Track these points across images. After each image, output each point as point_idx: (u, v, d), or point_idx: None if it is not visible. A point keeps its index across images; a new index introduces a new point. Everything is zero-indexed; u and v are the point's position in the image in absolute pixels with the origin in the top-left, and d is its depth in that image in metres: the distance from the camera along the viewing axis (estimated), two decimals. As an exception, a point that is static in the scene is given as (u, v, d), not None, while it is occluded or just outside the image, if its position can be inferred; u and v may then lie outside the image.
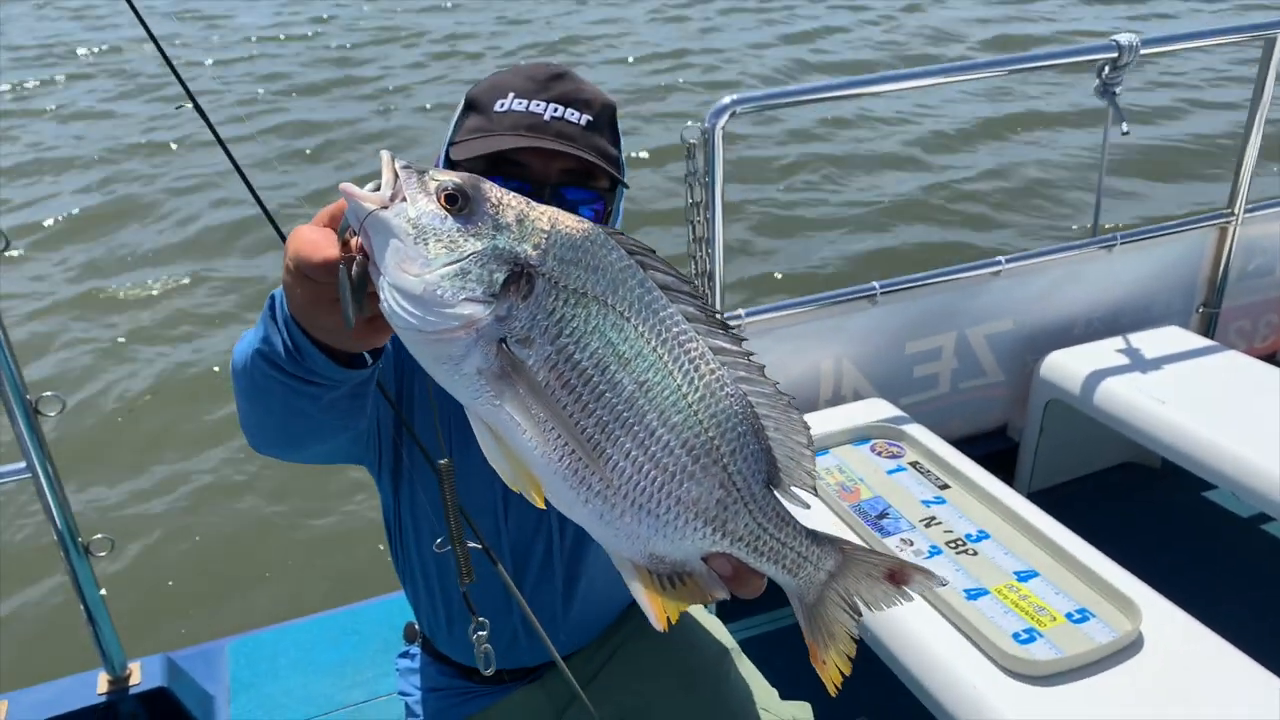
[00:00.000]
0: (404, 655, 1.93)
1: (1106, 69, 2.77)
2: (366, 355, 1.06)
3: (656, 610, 0.93)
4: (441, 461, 1.41)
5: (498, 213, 0.84)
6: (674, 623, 0.94)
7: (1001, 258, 2.94)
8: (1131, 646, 1.83)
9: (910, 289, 2.84)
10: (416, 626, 1.88)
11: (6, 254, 1.96)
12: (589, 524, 0.91)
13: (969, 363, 3.08)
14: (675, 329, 0.87)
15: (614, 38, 12.61)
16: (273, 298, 1.04)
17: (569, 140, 1.38)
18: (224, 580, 4.01)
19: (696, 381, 0.87)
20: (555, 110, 1.39)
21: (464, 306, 0.81)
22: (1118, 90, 2.79)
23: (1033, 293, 3.07)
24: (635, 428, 0.86)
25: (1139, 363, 2.89)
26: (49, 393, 2.07)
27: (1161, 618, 1.90)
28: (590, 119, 1.41)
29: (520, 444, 0.85)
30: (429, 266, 0.80)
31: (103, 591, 2.28)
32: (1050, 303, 3.11)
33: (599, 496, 0.87)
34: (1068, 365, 2.92)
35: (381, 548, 3.67)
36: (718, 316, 0.90)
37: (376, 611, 2.84)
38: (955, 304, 2.96)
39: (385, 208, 0.82)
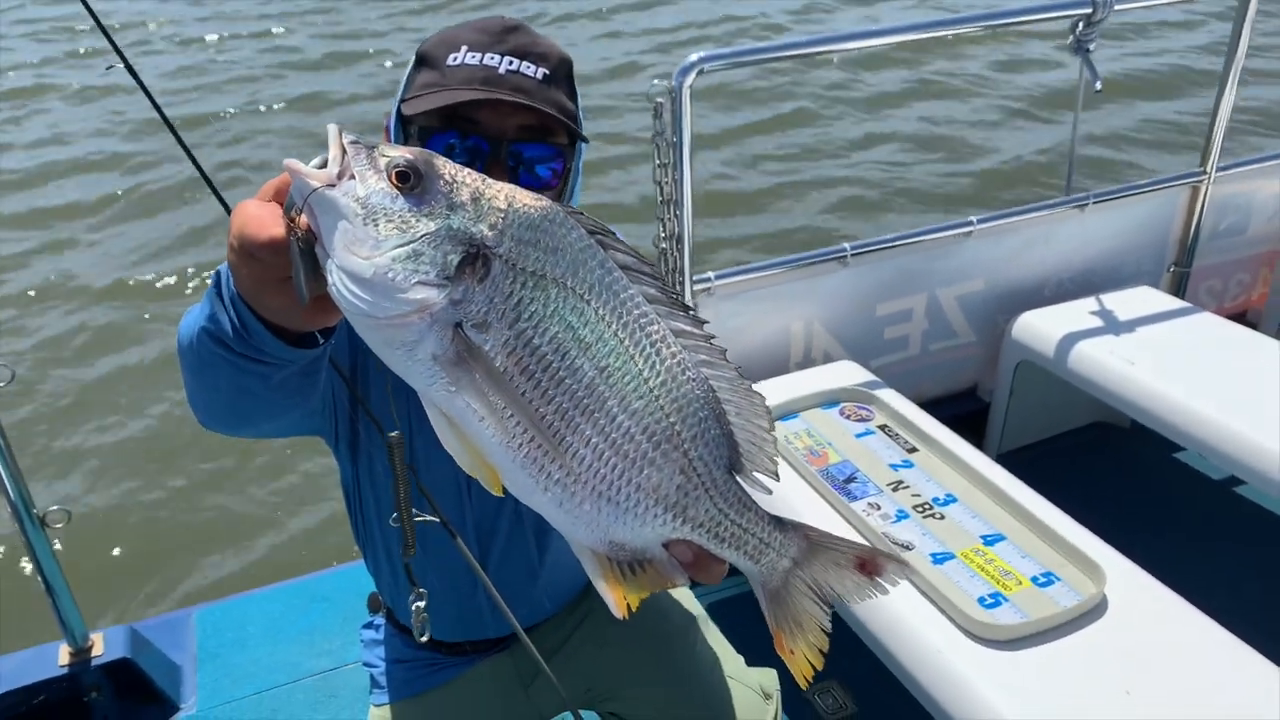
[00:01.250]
0: (368, 626, 1.91)
1: (1080, 25, 2.72)
2: (317, 334, 1.02)
3: (616, 598, 0.91)
4: (392, 434, 1.37)
5: (452, 191, 0.80)
6: (634, 610, 0.92)
7: (973, 218, 2.91)
8: (1095, 610, 1.84)
9: (881, 250, 2.82)
10: (380, 597, 1.86)
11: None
12: (548, 511, 0.88)
13: (940, 324, 3.07)
14: (636, 311, 0.84)
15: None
16: (218, 274, 0.99)
17: (525, 94, 1.33)
18: (190, 550, 3.97)
19: (658, 365, 0.85)
20: (510, 63, 1.34)
21: (416, 290, 0.77)
22: (1091, 47, 2.75)
23: (1004, 253, 3.05)
24: (596, 414, 0.83)
25: (1110, 323, 2.88)
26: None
27: (1126, 581, 1.91)
28: (547, 72, 1.36)
29: (477, 431, 0.83)
30: (379, 249, 0.76)
31: (68, 563, 2.24)
32: (1022, 263, 3.09)
33: (559, 484, 0.85)
34: (1038, 326, 2.91)
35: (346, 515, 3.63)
36: (678, 298, 0.87)
37: (344, 578, 2.82)
38: (926, 265, 2.94)
39: (332, 186, 0.77)
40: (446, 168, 0.81)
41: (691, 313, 0.88)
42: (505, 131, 1.34)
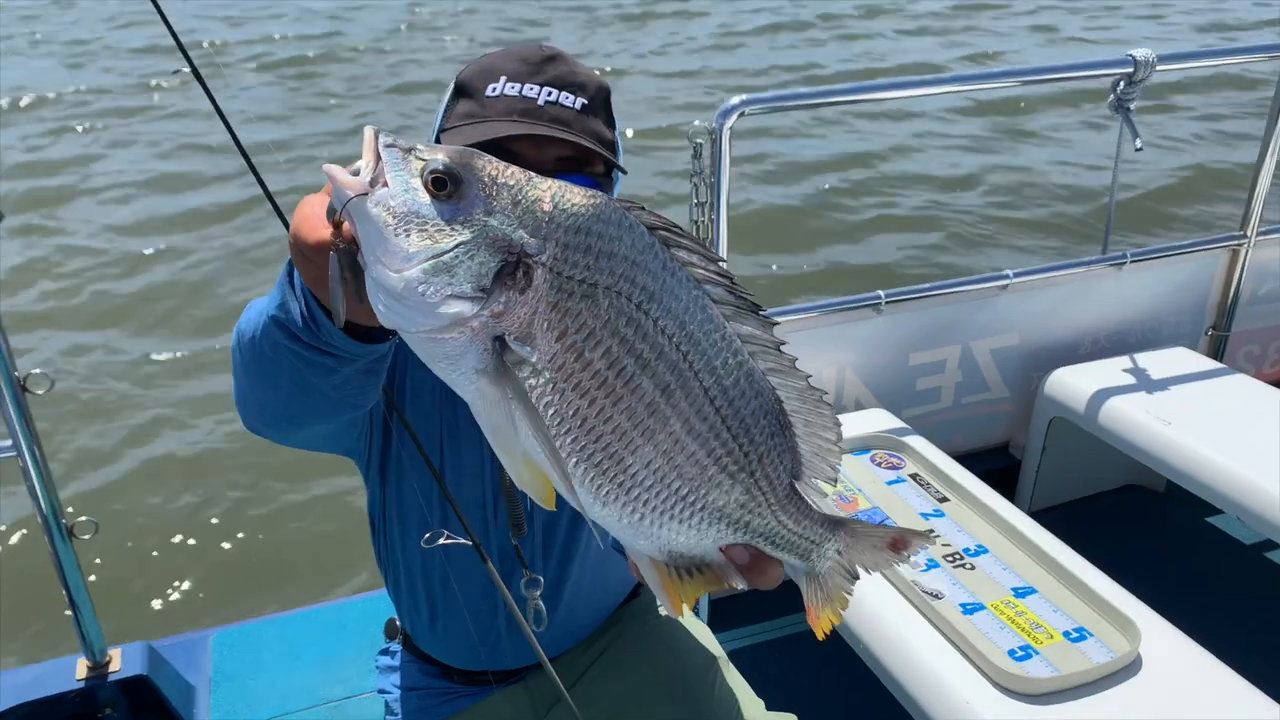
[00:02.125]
0: (384, 652, 1.89)
1: (1121, 84, 2.73)
2: (386, 332, 0.99)
3: (673, 599, 0.90)
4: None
5: (490, 195, 0.75)
6: (691, 609, 0.92)
7: (1009, 271, 2.90)
8: (1129, 668, 1.79)
9: (916, 299, 2.81)
10: (398, 623, 1.84)
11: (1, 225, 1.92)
12: (605, 524, 0.86)
13: (973, 377, 3.04)
14: (700, 317, 0.79)
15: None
16: (289, 264, 0.96)
17: (564, 125, 1.33)
18: (211, 571, 3.98)
19: (724, 380, 0.81)
20: (550, 94, 1.34)
21: (449, 305, 0.73)
22: (1132, 106, 2.76)
23: (1040, 308, 3.03)
24: (657, 435, 0.79)
25: (1146, 383, 2.85)
26: (37, 370, 2.04)
27: (1161, 640, 1.86)
28: (585, 102, 1.36)
29: (529, 446, 0.78)
30: (409, 261, 0.72)
31: (92, 577, 2.25)
32: (1057, 319, 3.07)
33: (616, 502, 0.81)
34: (1073, 383, 2.88)
35: (369, 545, 3.62)
36: (747, 299, 0.82)
37: (362, 608, 2.80)
38: (961, 316, 2.92)
39: (366, 194, 0.74)
40: (487, 169, 0.76)
41: (762, 314, 0.83)
42: (544, 163, 1.34)
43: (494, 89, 1.35)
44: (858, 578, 0.96)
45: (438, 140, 1.40)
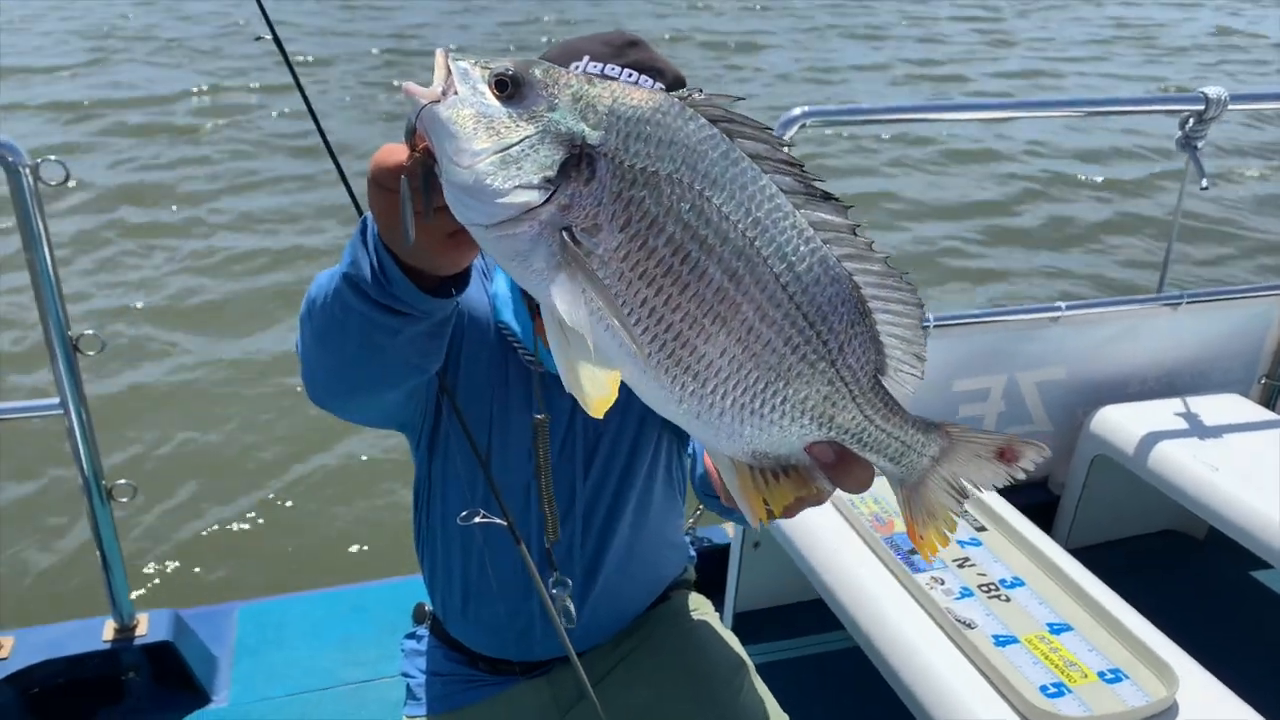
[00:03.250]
0: (411, 636, 1.89)
1: (1191, 121, 2.69)
2: (451, 287, 1.01)
3: (756, 505, 0.87)
4: (538, 416, 1.41)
5: (552, 93, 0.77)
6: (775, 516, 0.88)
7: (1061, 303, 2.85)
8: (1165, 714, 1.74)
9: (964, 325, 2.77)
10: (427, 608, 1.85)
11: (66, 184, 1.96)
12: (684, 423, 0.84)
13: (1017, 408, 3.00)
14: (768, 205, 0.78)
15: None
16: (364, 220, 0.99)
17: None
18: (240, 544, 4.01)
19: (796, 266, 0.79)
20: (630, 75, 1.35)
21: (518, 195, 0.75)
22: (1200, 144, 2.71)
23: (1090, 343, 2.98)
24: (730, 321, 0.78)
25: (1195, 427, 2.79)
26: (89, 331, 2.07)
27: (1199, 688, 1.81)
28: (663, 87, 1.36)
29: (602, 343, 0.78)
30: (478, 156, 0.75)
31: (125, 542, 2.27)
32: (1107, 355, 3.02)
33: (694, 396, 0.80)
34: (1120, 421, 2.83)
35: (400, 532, 3.65)
36: (818, 186, 0.80)
37: (386, 592, 2.81)
38: (1008, 346, 2.88)
39: (437, 102, 0.77)
40: (549, 72, 0.79)
41: (835, 201, 0.81)
42: None
43: (576, 67, 1.36)
44: (965, 495, 0.91)
45: None
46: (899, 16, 15.31)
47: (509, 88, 0.77)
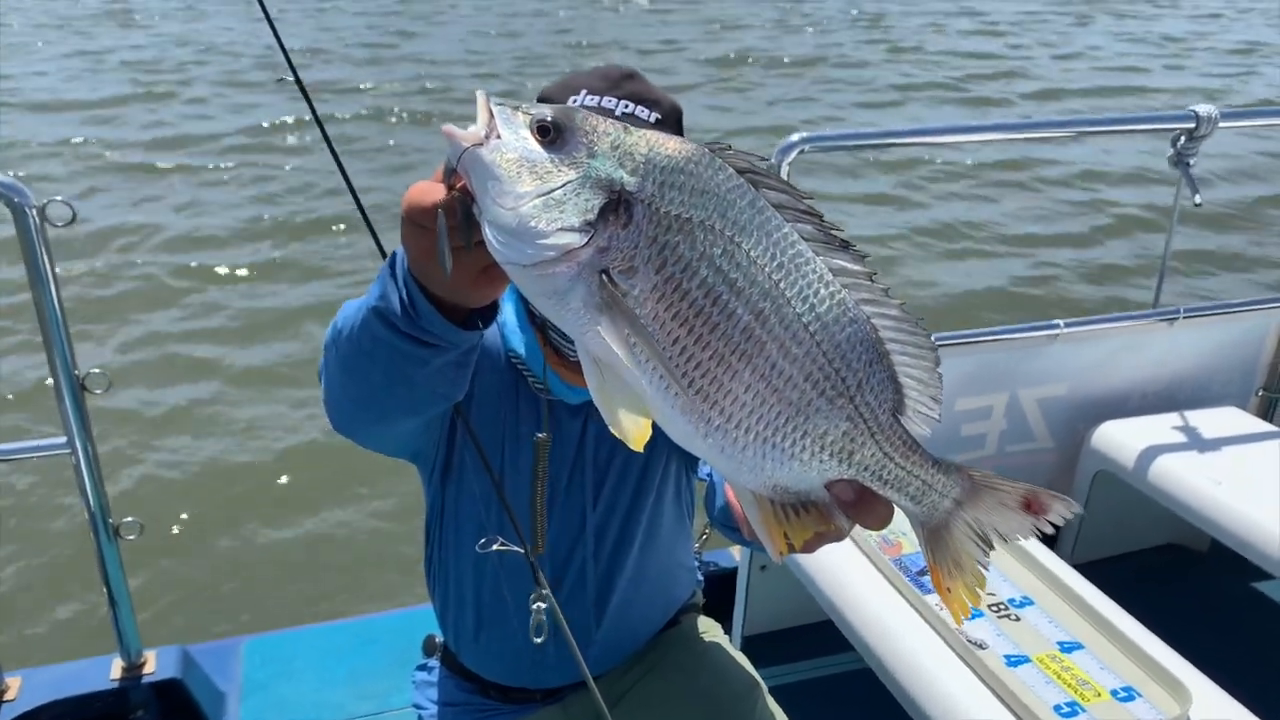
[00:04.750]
0: (421, 668, 1.90)
1: (1182, 139, 2.72)
2: (479, 320, 1.04)
3: (776, 539, 0.90)
4: (539, 435, 1.43)
5: (592, 140, 0.81)
6: (795, 550, 0.90)
7: (1060, 321, 2.87)
8: (1179, 731, 1.75)
9: (964, 344, 2.79)
10: (437, 639, 1.85)
11: (72, 226, 1.97)
12: (710, 457, 0.87)
13: (1018, 425, 3.01)
14: (791, 251, 0.82)
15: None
16: (394, 255, 1.03)
17: None
18: (247, 578, 3.99)
19: (818, 308, 0.82)
20: (626, 106, 1.38)
21: (559, 236, 0.78)
22: (1192, 161, 2.74)
23: (1089, 360, 3.00)
24: (755, 359, 0.81)
25: (1195, 441, 2.81)
26: (96, 369, 2.07)
27: (1212, 705, 1.82)
28: (659, 117, 1.40)
29: (633, 379, 0.82)
30: (522, 199, 0.79)
31: (131, 578, 2.27)
32: (1106, 371, 3.04)
33: (719, 430, 0.84)
34: (1120, 437, 2.84)
35: (408, 563, 3.63)
36: (837, 234, 0.84)
37: (395, 623, 2.80)
38: (1009, 364, 2.90)
39: (480, 145, 0.81)
40: (588, 120, 0.82)
41: (853, 249, 0.85)
42: None
43: (574, 100, 1.40)
44: (991, 546, 0.92)
45: None
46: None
47: (551, 133, 0.81)
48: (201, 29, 15.18)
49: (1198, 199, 2.69)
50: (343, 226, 7.35)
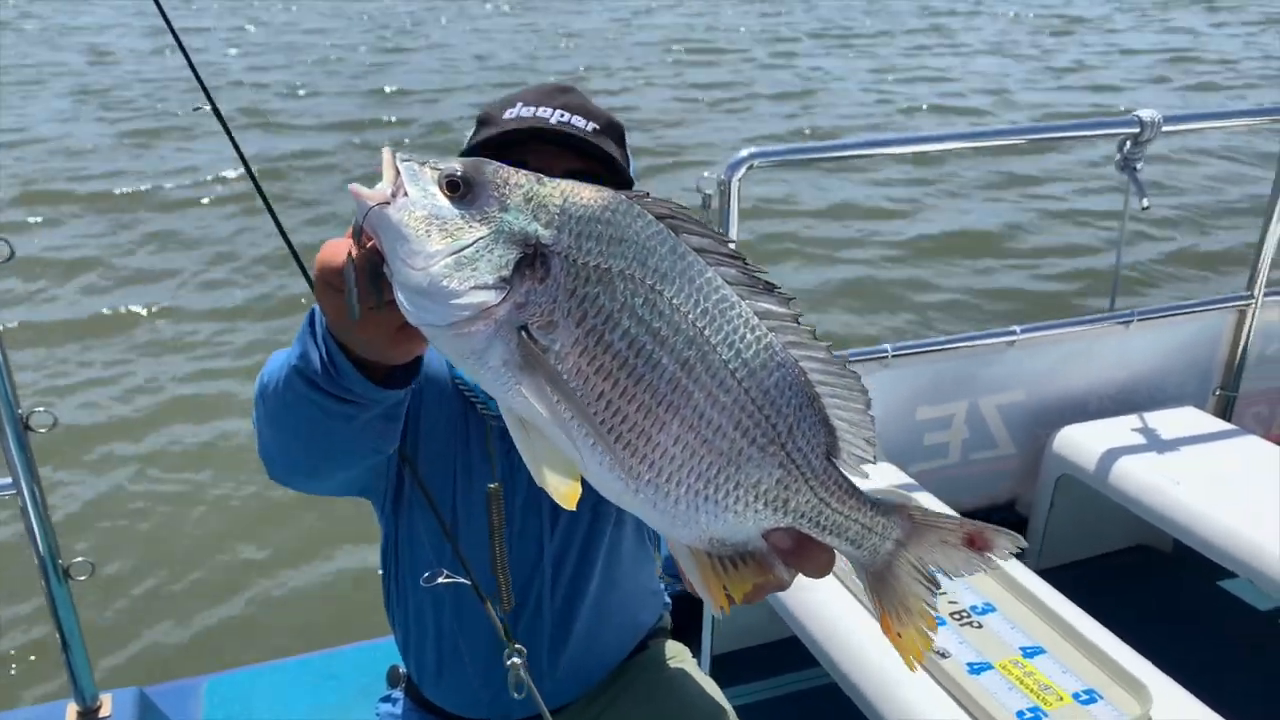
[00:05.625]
0: (385, 699, 1.86)
1: (1128, 144, 2.75)
2: (402, 376, 1.03)
3: (716, 593, 0.87)
4: (491, 485, 1.40)
5: (504, 193, 0.79)
6: (736, 603, 0.88)
7: (1016, 327, 2.89)
8: (1141, 733, 1.75)
9: (923, 353, 2.80)
10: (401, 670, 1.82)
11: (8, 263, 1.94)
12: (642, 512, 0.85)
13: (980, 433, 3.02)
14: (715, 296, 0.80)
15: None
16: (312, 313, 1.01)
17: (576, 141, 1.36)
18: (205, 616, 3.91)
19: (744, 354, 0.81)
20: (562, 116, 1.37)
21: (473, 295, 0.76)
22: (1139, 165, 2.77)
23: (1046, 365, 3.02)
24: (682, 410, 0.80)
25: (1154, 442, 2.83)
26: (41, 408, 2.03)
27: (1173, 704, 1.82)
28: (597, 127, 1.39)
29: (557, 436, 0.80)
30: (432, 259, 0.77)
31: (85, 620, 2.21)
32: (1064, 376, 3.06)
33: (650, 485, 0.82)
34: (1081, 441, 2.86)
35: (367, 593, 3.58)
36: (761, 278, 0.83)
37: (357, 657, 2.75)
38: (968, 372, 2.91)
39: (387, 203, 0.78)
40: (498, 173, 0.80)
41: (778, 292, 0.83)
42: (552, 174, 1.36)
43: (510, 113, 1.39)
44: (937, 585, 0.90)
45: None
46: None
47: (460, 188, 0.79)
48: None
49: (1145, 202, 2.72)
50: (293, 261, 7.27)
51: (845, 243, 7.75)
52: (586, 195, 0.80)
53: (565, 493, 0.82)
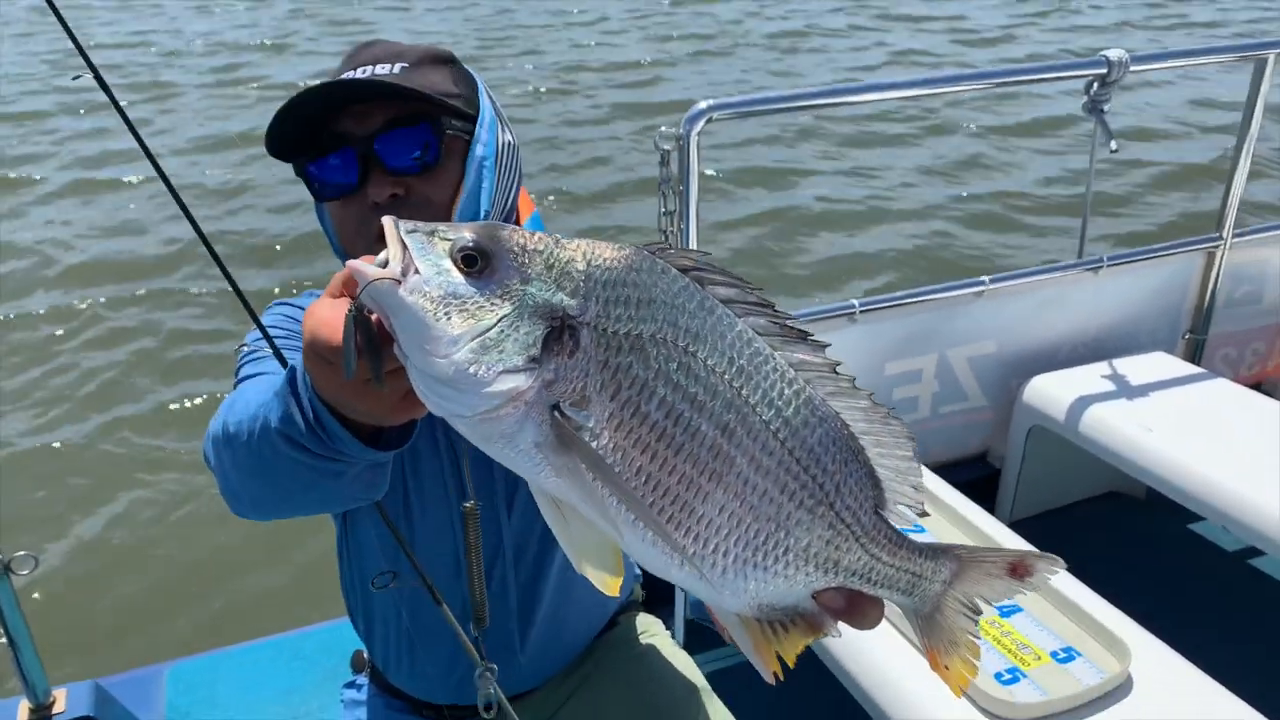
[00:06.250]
0: (350, 685, 1.80)
1: (1095, 85, 2.68)
2: (399, 434, 0.96)
3: (769, 660, 0.84)
4: (467, 504, 1.34)
5: (524, 263, 0.73)
6: (790, 666, 0.85)
7: (985, 277, 2.84)
8: (1120, 689, 1.72)
9: (891, 307, 2.74)
10: (365, 655, 1.76)
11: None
12: (687, 584, 0.81)
13: (950, 386, 2.98)
14: (748, 351, 0.76)
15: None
16: (292, 371, 0.92)
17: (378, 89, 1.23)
18: (165, 602, 3.80)
19: (784, 411, 0.77)
20: (365, 70, 1.25)
21: (503, 381, 0.70)
22: (1106, 107, 2.71)
23: (1016, 315, 2.98)
24: (725, 477, 0.76)
25: (1125, 389, 2.80)
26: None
27: (1152, 658, 1.79)
28: (406, 65, 1.26)
29: (599, 516, 0.76)
30: (456, 345, 0.70)
31: (34, 614, 2.13)
32: (1034, 325, 3.02)
33: (695, 557, 0.78)
34: (1052, 390, 2.83)
35: (330, 572, 3.48)
36: (792, 325, 0.78)
37: (324, 636, 2.69)
38: (937, 324, 2.86)
39: (398, 283, 0.71)
40: (514, 238, 0.74)
41: (810, 339, 0.79)
42: (371, 128, 1.23)
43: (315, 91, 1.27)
44: (979, 613, 0.89)
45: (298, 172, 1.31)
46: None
47: (477, 262, 0.72)
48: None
49: (1113, 145, 2.66)
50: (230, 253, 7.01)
51: (805, 198, 7.63)
52: (609, 255, 0.75)
53: (609, 581, 0.77)
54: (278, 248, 6.93)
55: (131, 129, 1.29)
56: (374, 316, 0.75)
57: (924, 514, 0.84)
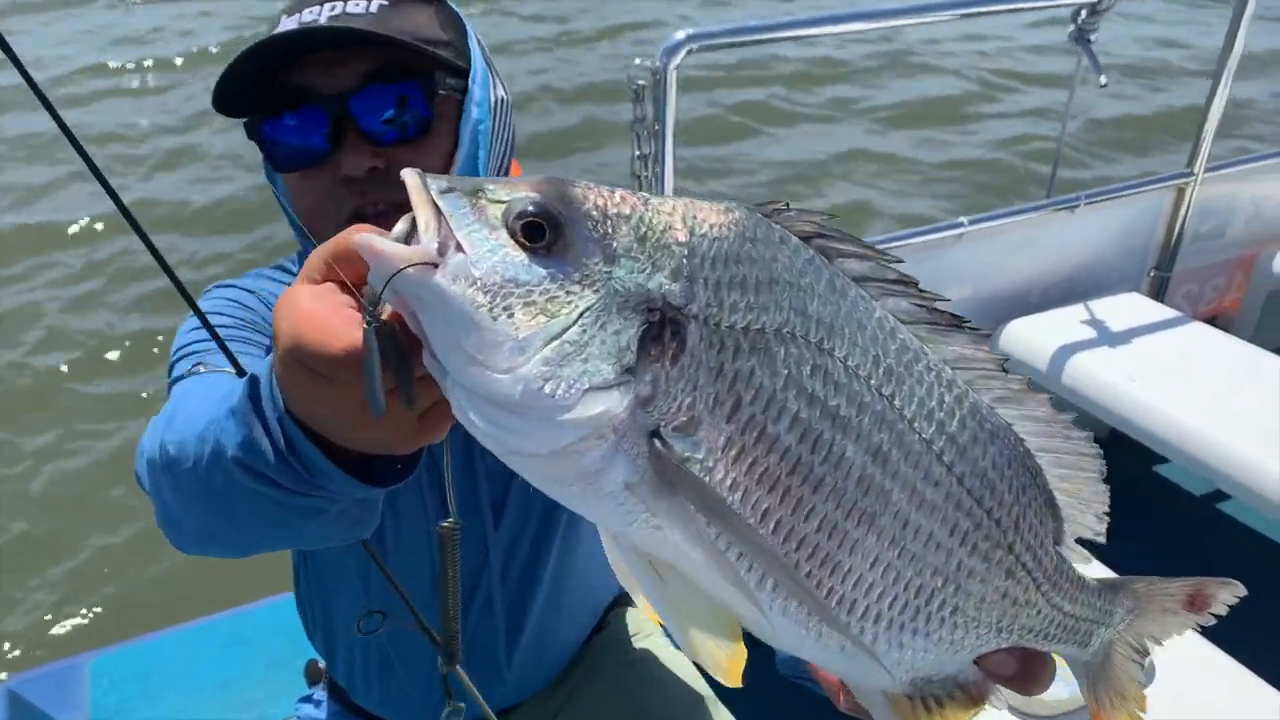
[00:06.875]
0: (306, 699, 1.63)
1: (1083, 14, 2.54)
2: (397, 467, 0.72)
3: None
4: (444, 524, 1.09)
5: (606, 234, 0.52)
6: None
7: (964, 219, 2.72)
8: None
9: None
10: (321, 665, 1.57)
11: None
12: (826, 661, 0.62)
13: (926, 332, 2.88)
14: (894, 346, 0.57)
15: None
16: (253, 383, 0.68)
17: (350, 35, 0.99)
18: (85, 586, 3.46)
19: (948, 426, 0.58)
20: (332, 9, 1.00)
21: (590, 402, 0.50)
22: (1093, 38, 2.57)
23: (992, 257, 2.88)
24: (879, 520, 0.57)
25: (1093, 331, 2.80)
26: None
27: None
28: (385, 3, 1.02)
29: (709, 579, 0.55)
30: (523, 353, 0.50)
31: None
32: (1008, 269, 2.94)
33: (843, 627, 0.59)
34: (1024, 334, 2.81)
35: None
36: (944, 310, 0.60)
37: (266, 615, 2.48)
38: (915, 269, 2.71)
39: (434, 265, 0.50)
40: (590, 198, 0.53)
41: (968, 326, 0.61)
42: (345, 83, 1.00)
43: (285, 22, 1.02)
44: (1146, 654, 0.74)
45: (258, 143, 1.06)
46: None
47: (545, 233, 0.51)
48: None
49: (1103, 78, 2.53)
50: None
51: (779, 138, 7.31)
52: (716, 220, 0.54)
53: (728, 665, 0.56)
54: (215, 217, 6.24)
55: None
56: (387, 310, 0.54)
57: (1105, 537, 0.69)
